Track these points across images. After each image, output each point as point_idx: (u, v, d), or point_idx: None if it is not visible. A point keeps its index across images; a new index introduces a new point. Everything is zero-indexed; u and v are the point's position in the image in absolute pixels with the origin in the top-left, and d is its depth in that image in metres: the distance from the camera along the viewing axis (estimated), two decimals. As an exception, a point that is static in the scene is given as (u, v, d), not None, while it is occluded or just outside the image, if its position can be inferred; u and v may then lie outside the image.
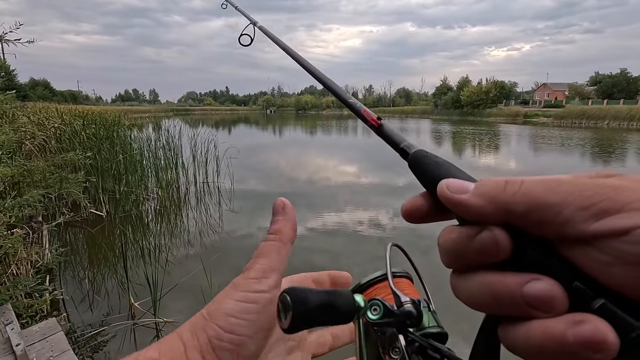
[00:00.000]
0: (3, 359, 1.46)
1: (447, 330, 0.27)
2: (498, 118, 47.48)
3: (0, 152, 2.45)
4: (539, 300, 0.17)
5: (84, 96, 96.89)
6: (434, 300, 0.30)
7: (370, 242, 4.99)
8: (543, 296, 0.17)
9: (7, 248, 2.29)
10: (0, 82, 2.64)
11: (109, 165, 6.49)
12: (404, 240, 5.19)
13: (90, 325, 3.17)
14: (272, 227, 0.32)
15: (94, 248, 5.02)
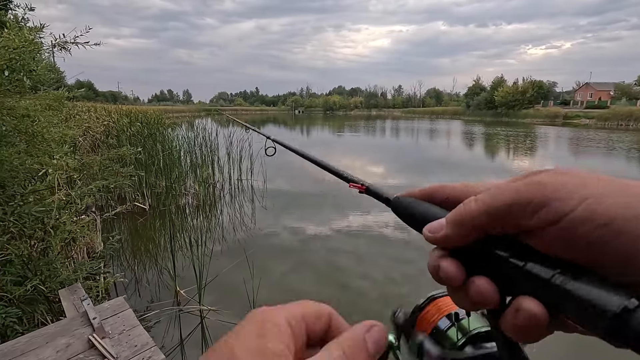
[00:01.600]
0: (83, 329, 1.63)
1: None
2: (535, 119, 45.33)
3: (67, 145, 2.69)
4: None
5: (123, 97, 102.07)
6: None
7: (395, 245, 4.95)
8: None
9: (75, 233, 2.52)
10: (53, 84, 2.92)
11: (152, 161, 6.85)
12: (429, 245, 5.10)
13: (136, 311, 3.39)
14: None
15: (138, 238, 5.32)
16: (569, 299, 0.18)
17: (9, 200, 2.25)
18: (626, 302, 0.16)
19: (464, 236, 0.24)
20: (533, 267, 0.20)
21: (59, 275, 2.38)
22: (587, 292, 0.18)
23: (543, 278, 0.19)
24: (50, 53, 2.86)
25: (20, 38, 2.24)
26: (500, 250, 0.22)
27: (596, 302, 0.17)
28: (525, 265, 0.20)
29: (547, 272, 0.19)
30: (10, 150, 2.34)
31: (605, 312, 0.17)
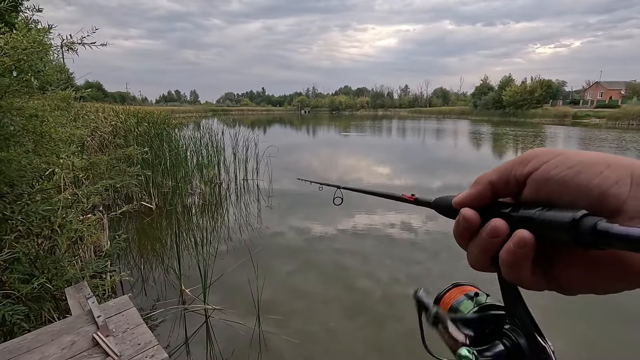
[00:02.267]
0: (88, 327, 1.64)
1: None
2: (543, 119, 44.77)
3: (74, 145, 2.71)
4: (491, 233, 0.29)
5: (131, 97, 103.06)
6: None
7: (401, 245, 4.92)
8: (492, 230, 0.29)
9: (82, 232, 2.54)
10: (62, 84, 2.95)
11: (159, 160, 6.91)
12: (438, 245, 5.10)
13: (142, 309, 3.41)
14: None
15: (144, 237, 5.37)
16: (544, 224, 0.26)
17: (17, 199, 2.28)
18: (575, 214, 0.24)
19: (481, 193, 0.31)
20: (523, 212, 0.28)
21: (65, 274, 2.40)
22: (552, 215, 0.25)
23: (528, 216, 0.27)
24: (59, 54, 2.90)
25: (29, 39, 2.27)
26: (504, 208, 0.30)
27: (558, 219, 0.25)
28: (518, 211, 0.28)
29: (530, 212, 0.27)
30: (18, 150, 2.37)
31: (563, 224, 0.24)
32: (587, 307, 3.33)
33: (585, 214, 0.23)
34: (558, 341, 2.85)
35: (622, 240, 0.21)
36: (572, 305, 3.23)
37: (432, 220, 5.86)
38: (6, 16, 3.70)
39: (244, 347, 2.83)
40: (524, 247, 0.26)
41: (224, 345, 2.87)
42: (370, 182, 9.03)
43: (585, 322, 3.20)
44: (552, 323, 2.95)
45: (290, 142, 19.96)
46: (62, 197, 2.46)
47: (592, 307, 3.34)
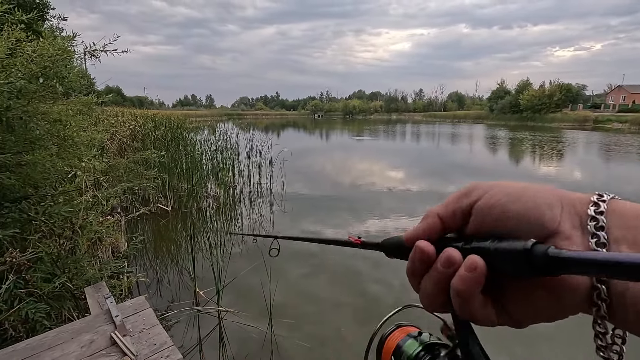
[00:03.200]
0: (106, 326, 1.69)
1: None
2: (563, 123, 43.67)
3: (95, 149, 2.81)
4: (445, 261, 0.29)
5: (149, 101, 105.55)
6: None
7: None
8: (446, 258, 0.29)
9: (101, 233, 2.62)
10: (84, 89, 3.07)
11: (175, 164, 7.05)
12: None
13: (157, 310, 3.47)
14: None
15: (160, 239, 5.47)
16: (497, 254, 0.27)
17: (41, 201, 2.37)
18: (526, 243, 0.25)
19: (431, 227, 0.32)
20: (475, 243, 0.29)
21: (85, 273, 2.47)
22: (505, 245, 0.26)
23: (481, 247, 0.28)
24: (82, 60, 3.01)
25: (54, 46, 2.37)
26: (456, 242, 0.30)
27: (510, 248, 0.26)
28: (471, 244, 0.29)
29: (484, 243, 0.28)
30: (43, 153, 2.46)
31: (516, 253, 0.25)
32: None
33: (535, 243, 0.25)
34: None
35: (573, 264, 0.22)
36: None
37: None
38: (33, 25, 3.85)
39: (256, 350, 2.85)
40: (475, 270, 0.27)
41: (237, 347, 2.90)
42: (383, 187, 8.99)
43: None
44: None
45: (303, 146, 20.04)
46: (83, 199, 2.54)
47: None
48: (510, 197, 0.28)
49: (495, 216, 0.29)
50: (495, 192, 0.30)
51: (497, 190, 0.30)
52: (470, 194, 0.31)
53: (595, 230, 0.25)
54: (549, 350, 2.89)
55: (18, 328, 2.04)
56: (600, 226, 0.25)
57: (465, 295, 0.28)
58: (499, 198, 0.29)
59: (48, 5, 9.05)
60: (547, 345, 2.93)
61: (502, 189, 0.30)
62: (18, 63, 2.29)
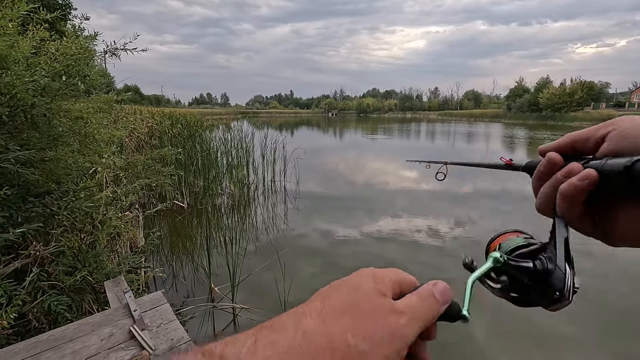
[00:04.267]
0: (125, 320, 1.72)
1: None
2: (584, 123, 42.28)
3: (115, 146, 2.86)
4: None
5: (166, 100, 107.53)
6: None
7: (427, 251, 4.79)
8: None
9: (120, 228, 2.68)
10: (104, 88, 3.15)
11: (191, 161, 7.15)
12: (467, 253, 4.90)
13: (173, 305, 3.52)
14: None
15: (176, 235, 5.56)
16: (604, 170, 0.29)
17: (63, 196, 2.43)
18: (631, 159, 0.26)
19: (561, 145, 0.36)
20: (592, 162, 0.31)
21: (104, 268, 2.53)
22: (612, 162, 0.28)
23: (595, 163, 0.31)
24: (102, 59, 3.07)
25: (77, 46, 2.42)
26: (581, 159, 0.33)
27: (615, 165, 0.28)
28: (590, 162, 0.31)
29: (599, 161, 0.30)
30: (65, 150, 2.52)
31: (619, 168, 0.27)
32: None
33: (638, 160, 0.26)
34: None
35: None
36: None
37: (461, 226, 5.68)
38: (57, 25, 3.97)
39: (270, 347, 2.85)
40: (585, 180, 0.29)
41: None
42: (397, 186, 8.91)
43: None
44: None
45: (317, 144, 20.05)
46: (103, 194, 2.60)
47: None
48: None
49: (627, 144, 0.30)
50: (631, 124, 0.32)
51: (633, 122, 0.32)
52: (608, 126, 0.33)
53: None
54: (573, 356, 2.80)
55: (41, 319, 2.11)
56: None
57: (569, 200, 0.31)
58: (632, 128, 0.31)
59: (71, 6, 9.31)
60: (570, 352, 2.84)
61: (636, 121, 0.32)
62: (42, 62, 2.35)
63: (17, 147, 2.07)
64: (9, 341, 1.89)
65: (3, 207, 2.04)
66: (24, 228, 1.98)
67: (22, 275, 2.09)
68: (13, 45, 2.18)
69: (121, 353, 1.58)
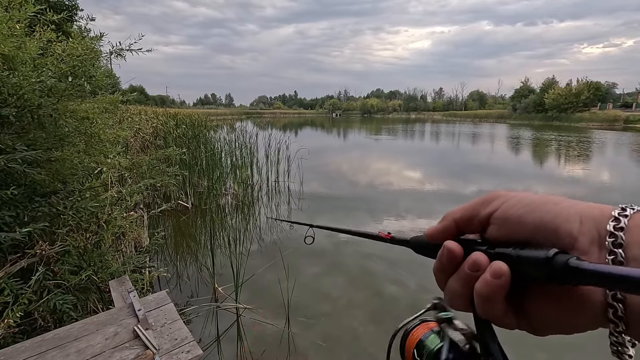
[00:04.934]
0: (129, 320, 1.73)
1: None
2: (591, 123, 41.92)
3: (120, 146, 2.88)
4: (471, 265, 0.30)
5: (170, 100, 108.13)
6: None
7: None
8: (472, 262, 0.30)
9: (124, 228, 2.69)
10: (110, 88, 3.18)
11: (196, 161, 7.18)
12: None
13: (177, 305, 3.54)
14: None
15: (180, 235, 5.58)
16: (519, 261, 0.27)
17: (69, 196, 2.45)
18: (548, 252, 0.25)
19: (446, 229, 0.34)
20: (499, 249, 0.29)
21: (109, 267, 2.55)
22: (528, 253, 0.27)
23: (504, 253, 0.29)
24: (108, 60, 3.10)
25: (83, 47, 2.44)
26: (479, 245, 0.32)
27: (533, 256, 0.26)
28: (494, 249, 0.30)
29: (507, 250, 0.29)
30: (71, 150, 2.55)
31: (538, 261, 0.26)
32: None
33: (557, 252, 0.25)
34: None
35: (591, 276, 0.23)
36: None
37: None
38: (63, 26, 3.99)
39: (274, 347, 2.86)
40: (500, 277, 0.27)
41: (254, 344, 2.92)
42: (400, 187, 8.87)
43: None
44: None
45: (321, 144, 20.05)
46: (108, 194, 2.62)
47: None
48: (527, 209, 0.29)
49: (512, 227, 0.30)
50: (513, 202, 0.31)
51: (515, 201, 0.31)
52: (490, 203, 0.32)
53: (613, 248, 0.25)
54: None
55: (47, 318, 2.12)
56: (619, 243, 0.25)
57: (488, 299, 0.29)
58: (517, 209, 0.30)
59: (77, 7, 9.40)
60: (572, 355, 2.81)
61: (520, 200, 0.30)
62: (49, 62, 2.38)
63: (24, 147, 2.09)
64: (15, 340, 1.91)
65: (10, 206, 2.06)
66: (30, 227, 2.00)
67: (28, 275, 2.11)
68: (20, 46, 2.20)
69: (125, 352, 1.59)
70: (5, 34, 2.07)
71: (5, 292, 1.91)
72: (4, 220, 2.00)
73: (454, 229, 0.34)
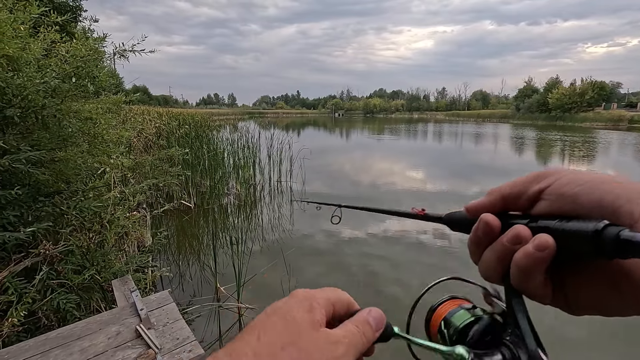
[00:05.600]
0: (131, 319, 1.75)
1: None
2: (595, 123, 41.65)
3: (123, 146, 2.90)
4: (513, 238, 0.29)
5: (174, 100, 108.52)
6: None
7: (433, 252, 4.75)
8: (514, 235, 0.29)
9: (127, 228, 2.71)
10: (113, 88, 3.20)
11: (198, 161, 7.20)
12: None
13: (179, 304, 3.55)
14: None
15: (182, 235, 5.60)
16: (565, 233, 0.26)
17: (72, 195, 2.47)
18: (598, 224, 0.24)
19: (492, 204, 0.33)
20: (542, 222, 0.28)
21: (112, 267, 2.56)
22: (574, 225, 0.26)
23: (548, 226, 0.27)
24: (111, 60, 3.11)
25: (86, 47, 2.46)
26: (521, 219, 0.30)
27: (580, 229, 0.25)
28: (537, 222, 0.29)
29: (551, 222, 0.27)
30: (75, 150, 2.56)
31: (585, 233, 0.24)
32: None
33: (608, 224, 0.24)
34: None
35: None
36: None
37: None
38: (67, 27, 4.03)
39: (275, 348, 2.86)
40: (545, 249, 0.26)
41: (256, 344, 2.92)
42: (403, 187, 8.86)
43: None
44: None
45: (323, 144, 20.05)
46: (111, 194, 2.64)
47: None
48: (586, 187, 0.27)
49: (565, 204, 0.28)
50: (569, 179, 0.29)
51: (570, 178, 0.29)
52: (542, 179, 0.30)
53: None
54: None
55: (50, 317, 2.14)
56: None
57: (529, 272, 0.28)
58: (573, 187, 0.28)
59: (81, 8, 9.44)
60: (576, 355, 2.80)
61: (577, 178, 0.28)
62: (53, 63, 2.39)
63: (28, 147, 2.11)
64: (19, 338, 1.93)
65: (14, 206, 2.08)
66: (34, 227, 2.02)
67: (32, 274, 2.13)
68: (25, 47, 2.22)
69: (128, 351, 1.60)
70: (9, 35, 2.09)
71: (10, 291, 1.93)
72: (8, 220, 2.02)
73: (500, 205, 0.32)
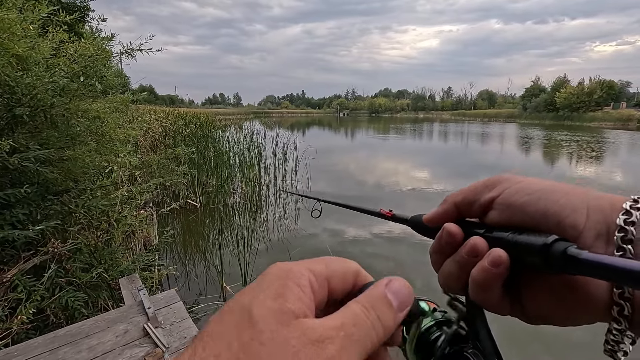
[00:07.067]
0: (139, 317, 1.75)
1: None
2: (603, 123, 41.12)
3: (130, 145, 2.92)
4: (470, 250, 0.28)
5: (179, 100, 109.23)
6: None
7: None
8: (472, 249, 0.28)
9: (134, 226, 2.72)
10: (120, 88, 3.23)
11: (204, 160, 7.23)
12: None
13: (185, 303, 3.56)
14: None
15: (189, 234, 5.62)
16: (517, 246, 0.26)
17: (80, 194, 2.49)
18: (547, 239, 0.24)
19: (447, 212, 0.32)
20: (497, 233, 0.28)
21: (119, 265, 2.58)
22: (525, 238, 0.26)
23: (501, 237, 0.27)
24: (119, 60, 3.13)
25: (94, 47, 2.47)
26: (478, 228, 0.30)
27: (530, 242, 0.25)
28: (492, 233, 0.28)
29: (504, 234, 0.27)
30: (83, 149, 2.58)
31: (535, 247, 0.24)
32: None
33: (557, 239, 0.24)
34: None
35: (590, 267, 0.21)
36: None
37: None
38: (75, 27, 4.05)
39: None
40: (499, 265, 0.26)
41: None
42: (408, 187, 8.81)
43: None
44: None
45: (328, 144, 20.02)
46: (119, 193, 2.65)
47: None
48: (533, 197, 0.27)
49: (514, 214, 0.28)
50: (518, 188, 0.29)
51: (520, 187, 0.29)
52: (493, 187, 0.30)
53: (622, 243, 0.23)
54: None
55: (59, 315, 2.16)
56: (629, 239, 0.23)
57: (484, 287, 0.27)
58: (521, 196, 0.28)
59: (89, 8, 9.53)
60: (579, 357, 2.76)
61: (526, 187, 0.28)
62: (61, 63, 2.41)
63: (37, 146, 2.12)
64: (28, 336, 1.94)
65: (23, 204, 2.10)
66: (42, 225, 2.03)
67: (40, 272, 2.15)
68: (34, 47, 2.24)
69: (135, 350, 1.61)
70: (19, 35, 2.10)
71: (19, 289, 1.95)
72: (17, 218, 2.03)
73: (454, 213, 0.32)
